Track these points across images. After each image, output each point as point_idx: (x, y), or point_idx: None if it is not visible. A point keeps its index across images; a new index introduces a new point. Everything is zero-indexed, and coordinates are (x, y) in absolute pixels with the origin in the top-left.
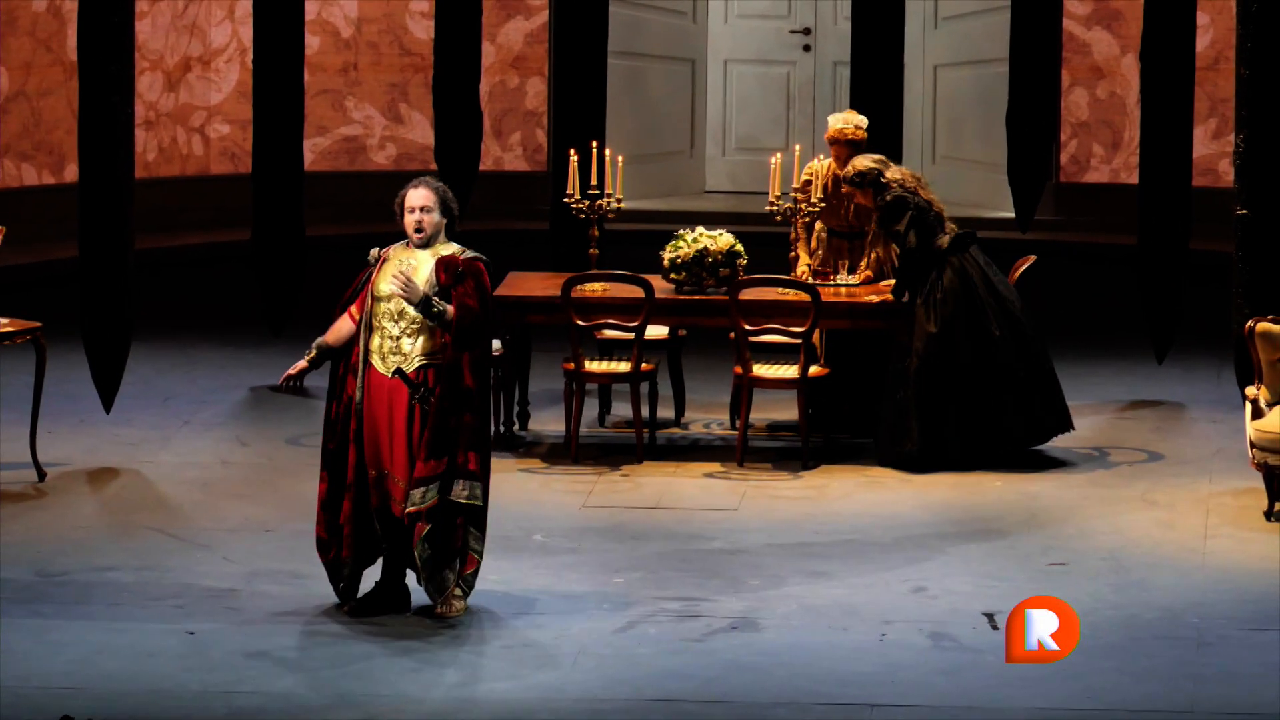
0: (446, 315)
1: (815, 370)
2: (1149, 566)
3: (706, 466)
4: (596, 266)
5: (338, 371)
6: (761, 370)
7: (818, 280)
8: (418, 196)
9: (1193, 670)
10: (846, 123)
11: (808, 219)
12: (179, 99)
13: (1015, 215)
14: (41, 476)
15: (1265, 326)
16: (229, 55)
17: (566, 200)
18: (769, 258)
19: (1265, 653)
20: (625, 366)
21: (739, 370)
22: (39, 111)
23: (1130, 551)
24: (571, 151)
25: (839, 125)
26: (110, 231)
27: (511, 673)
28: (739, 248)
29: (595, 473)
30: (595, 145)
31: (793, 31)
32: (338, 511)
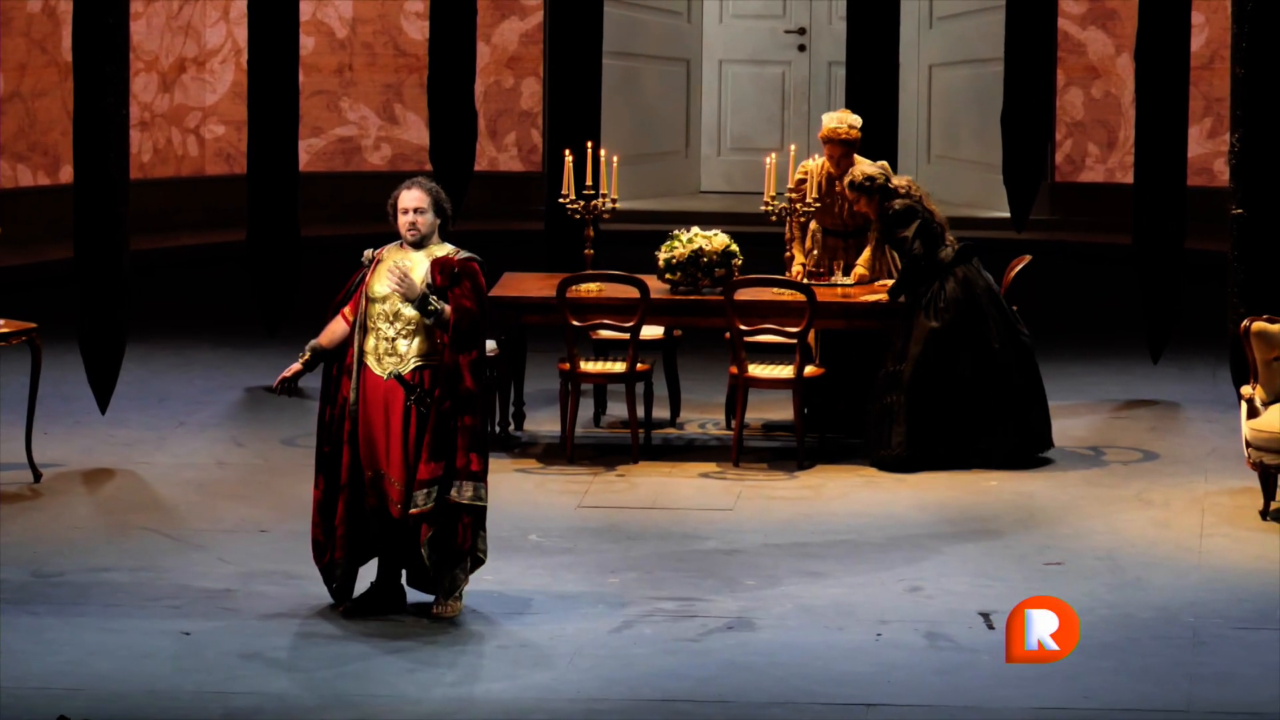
0: (444, 314)
1: (810, 370)
2: (1145, 566)
3: (702, 466)
4: (592, 267)
5: (331, 373)
6: (757, 370)
7: (813, 280)
8: (411, 198)
9: (1189, 669)
10: (841, 122)
11: (803, 219)
12: (174, 100)
13: (1010, 215)
14: (37, 477)
15: (1260, 326)
16: (224, 56)
17: (561, 201)
18: (764, 258)
19: (1261, 652)
20: (621, 367)
21: (734, 370)
22: (34, 112)
23: (1126, 551)
24: (566, 152)
25: (833, 124)
26: (105, 232)
27: (507, 673)
28: (734, 248)
29: (591, 473)
30: (590, 145)
31: (788, 31)
32: (333, 514)
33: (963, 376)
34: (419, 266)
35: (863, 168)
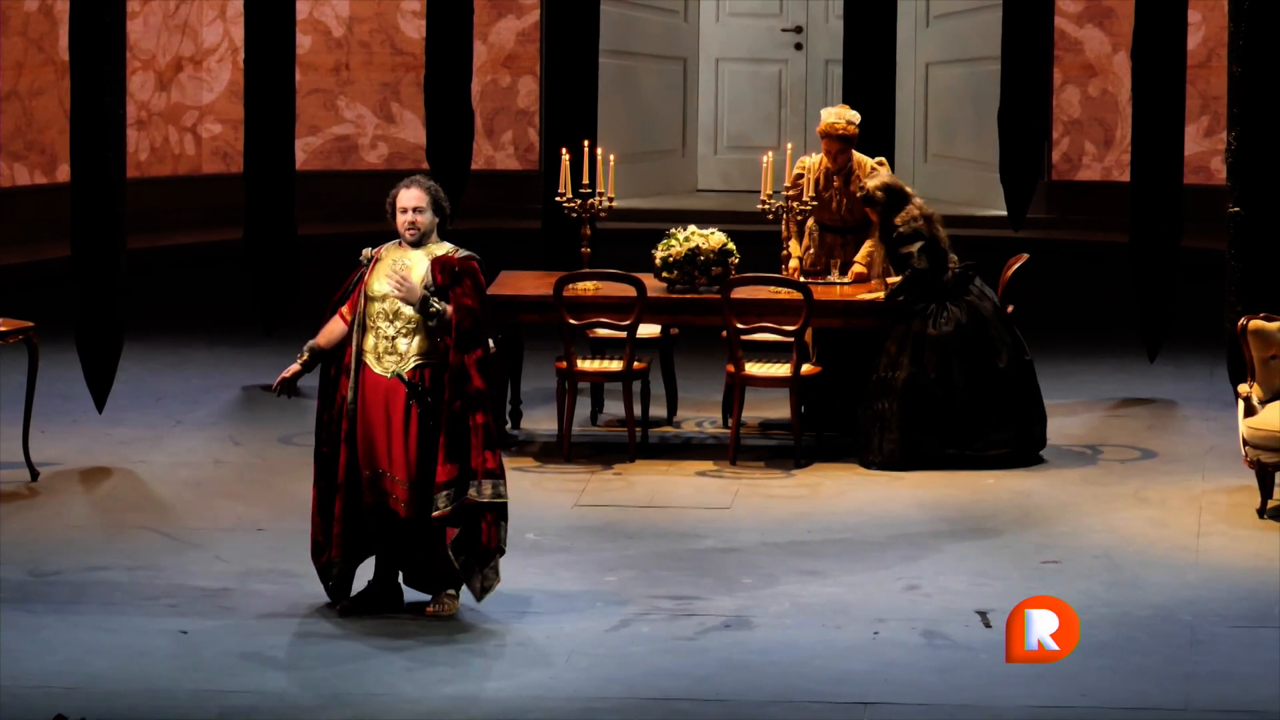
0: (445, 315)
1: (807, 369)
2: (1142, 564)
3: (699, 465)
4: (588, 265)
5: (329, 374)
6: (754, 369)
7: (809, 278)
8: (410, 196)
9: (1186, 668)
10: (839, 117)
11: (799, 217)
12: (171, 99)
13: (1007, 213)
14: (34, 476)
15: (1258, 324)
16: (220, 55)
17: (558, 199)
18: (761, 256)
19: (1259, 650)
20: (618, 365)
21: (731, 369)
22: (31, 111)
23: (1123, 549)
24: (563, 150)
25: (831, 119)
26: (102, 231)
27: (505, 672)
28: (731, 246)
29: (588, 471)
30: (587, 144)
31: (784, 30)
32: (331, 514)
33: (958, 386)
34: (418, 266)
35: (887, 177)
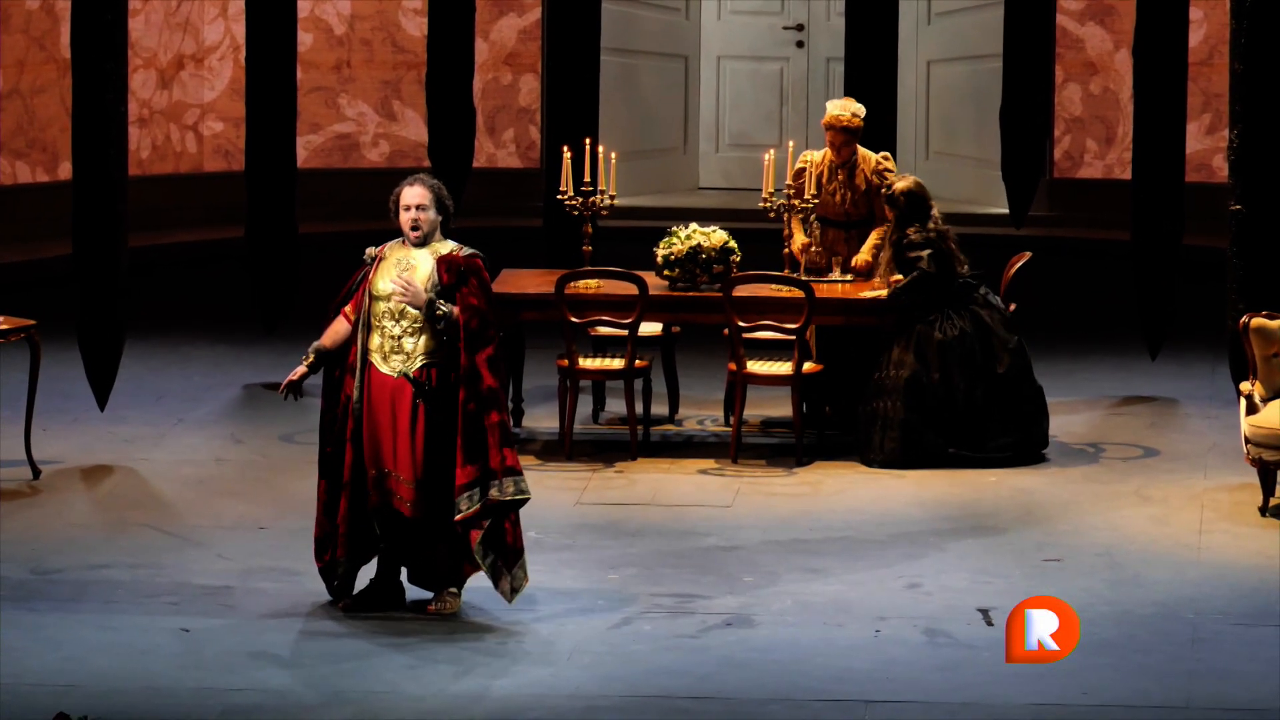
0: (452, 316)
1: (809, 366)
2: (1144, 562)
3: (701, 463)
4: (590, 263)
5: (333, 374)
6: (755, 366)
7: (810, 276)
8: (414, 194)
9: (1188, 666)
10: (844, 109)
11: (800, 214)
12: (172, 96)
13: (1009, 211)
14: (36, 474)
15: (1260, 322)
16: (222, 53)
17: (560, 197)
18: (762, 254)
19: (1260, 648)
20: (619, 363)
21: (733, 367)
22: (33, 109)
23: (1125, 547)
24: (565, 148)
25: (836, 111)
26: (104, 229)
27: (506, 669)
28: (732, 244)
29: (589, 469)
30: (588, 142)
31: (786, 28)
32: (335, 513)
33: (960, 390)
34: (423, 265)
35: (907, 181)
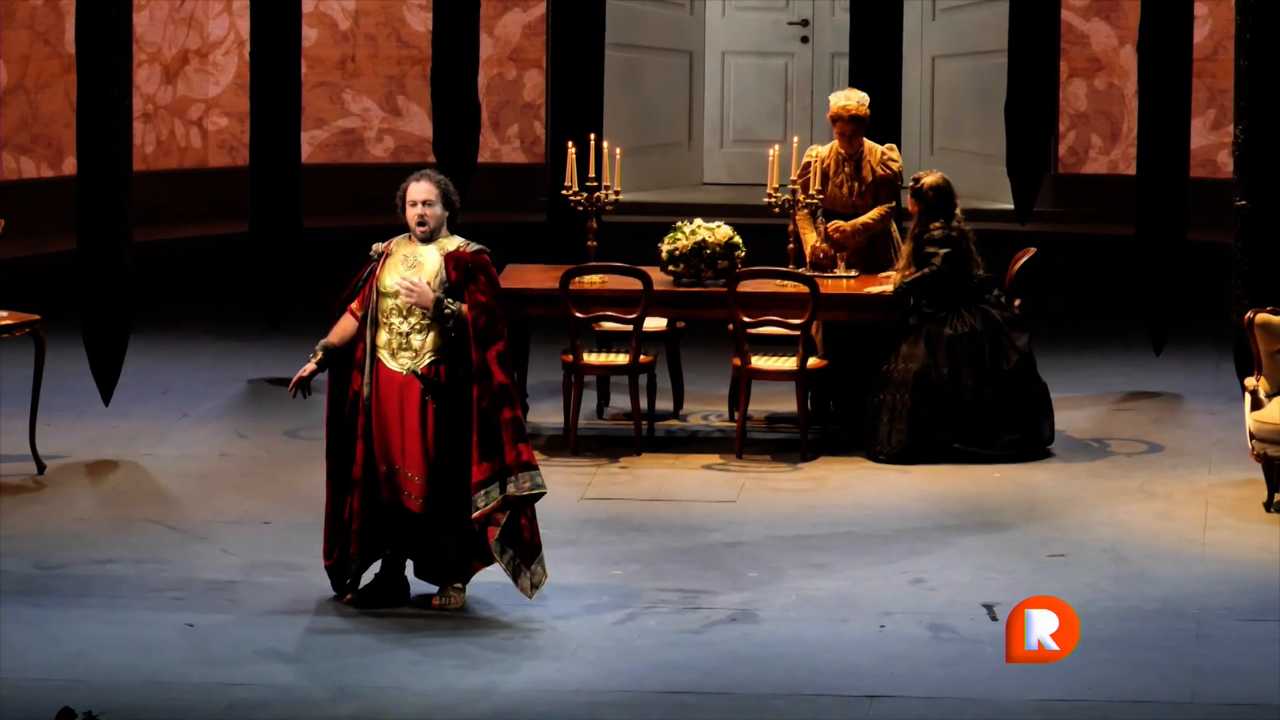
0: (461, 315)
1: (814, 362)
2: (1148, 558)
3: (705, 458)
4: (594, 259)
5: (340, 371)
6: (760, 362)
7: (816, 272)
8: (420, 190)
9: (1192, 661)
10: (849, 99)
11: (805, 210)
12: (177, 92)
13: (1014, 207)
14: (40, 469)
15: (1264, 317)
16: (226, 48)
17: (564, 192)
18: (767, 250)
19: (1265, 644)
20: (623, 359)
21: (737, 362)
22: (37, 104)
23: (1129, 543)
24: (569, 144)
25: (842, 102)
26: (109, 224)
27: (511, 664)
28: (737, 240)
29: (594, 465)
30: (593, 137)
31: (790, 23)
32: (344, 510)
33: (968, 387)
34: (430, 261)
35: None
